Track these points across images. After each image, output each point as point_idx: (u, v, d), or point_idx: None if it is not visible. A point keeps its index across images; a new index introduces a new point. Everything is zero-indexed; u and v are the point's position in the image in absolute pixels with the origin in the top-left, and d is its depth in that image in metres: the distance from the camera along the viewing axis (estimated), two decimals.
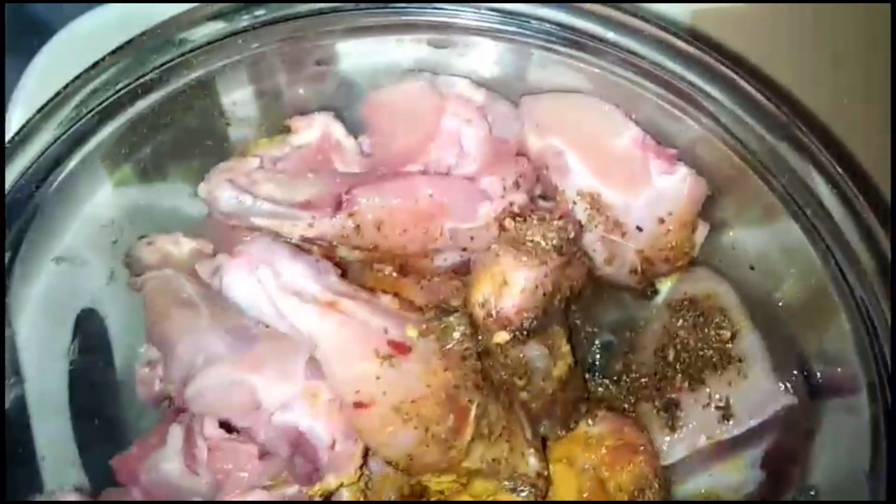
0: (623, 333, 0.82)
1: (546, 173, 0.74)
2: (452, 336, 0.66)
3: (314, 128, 0.74)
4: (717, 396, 0.73)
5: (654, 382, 0.76)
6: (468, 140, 0.71)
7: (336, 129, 0.75)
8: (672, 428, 0.74)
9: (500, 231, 0.70)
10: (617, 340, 0.82)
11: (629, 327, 0.82)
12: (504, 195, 0.70)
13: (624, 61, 0.68)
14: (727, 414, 0.73)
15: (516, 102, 0.75)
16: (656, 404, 0.75)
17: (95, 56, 0.69)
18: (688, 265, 0.76)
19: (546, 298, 0.68)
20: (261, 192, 0.68)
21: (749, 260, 0.76)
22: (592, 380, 0.81)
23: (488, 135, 0.72)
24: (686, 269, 0.77)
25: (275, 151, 0.74)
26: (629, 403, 0.78)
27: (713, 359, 0.74)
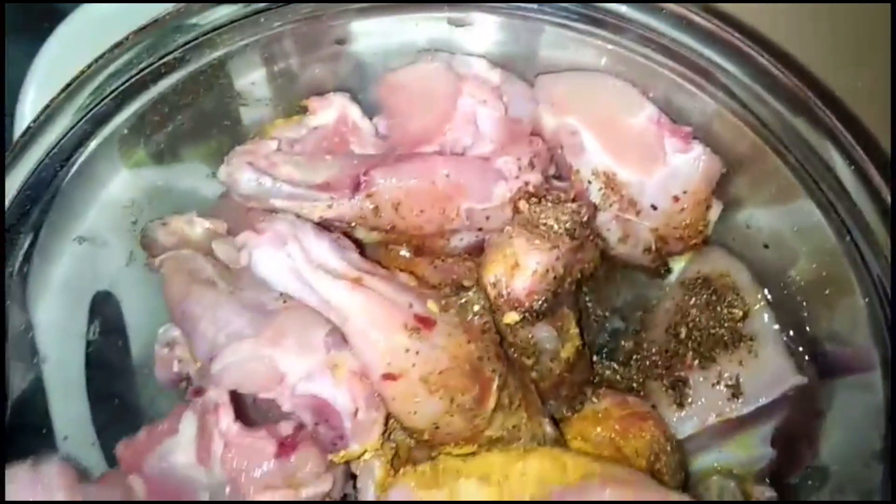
0: (635, 312, 0.82)
1: (560, 153, 0.74)
2: (472, 310, 0.67)
3: (331, 109, 0.74)
4: (728, 375, 0.73)
5: (665, 360, 0.76)
6: (484, 121, 0.71)
7: (352, 111, 0.75)
8: (680, 405, 0.74)
9: (515, 213, 0.70)
10: (629, 319, 0.83)
11: (641, 306, 0.82)
12: (519, 175, 0.70)
13: (641, 37, 0.68)
14: (737, 392, 0.73)
15: (531, 82, 0.74)
16: (665, 382, 0.75)
17: (108, 38, 0.69)
18: (702, 244, 0.76)
19: (557, 281, 0.68)
20: (280, 175, 0.68)
21: (763, 238, 0.76)
22: (601, 361, 0.81)
23: (504, 115, 0.72)
24: (700, 248, 0.77)
25: (291, 133, 0.74)
26: (638, 383, 0.78)
27: (724, 337, 0.74)
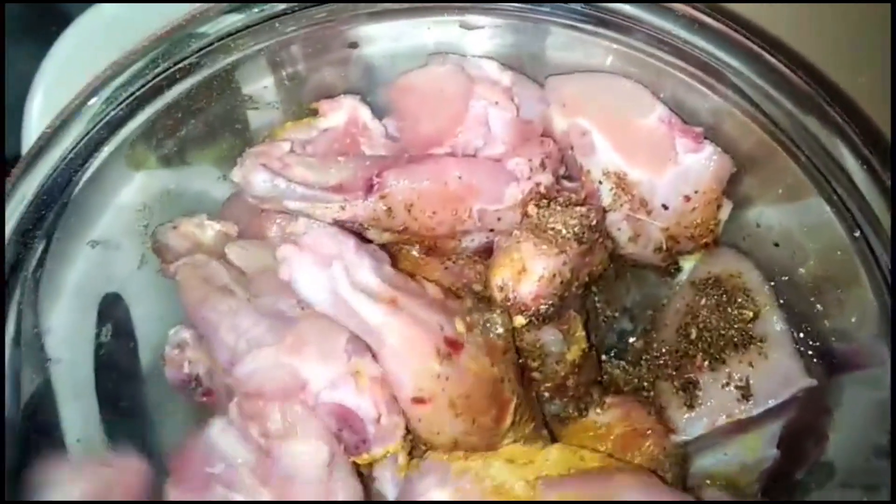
0: (645, 311, 0.82)
1: (571, 153, 0.74)
2: (496, 331, 0.67)
3: (341, 111, 0.75)
4: (737, 376, 0.73)
5: (675, 361, 0.76)
6: (495, 122, 0.71)
7: (363, 112, 0.75)
8: (690, 406, 0.74)
9: (524, 217, 0.70)
10: (638, 318, 0.83)
11: (651, 305, 0.82)
12: (531, 176, 0.70)
13: (650, 38, 0.68)
14: (746, 394, 0.73)
15: (541, 83, 0.75)
16: (675, 384, 0.75)
17: (115, 42, 0.69)
18: (713, 243, 0.76)
19: (563, 286, 0.68)
20: (294, 176, 0.67)
21: (773, 237, 0.76)
22: (610, 360, 0.81)
23: (515, 117, 0.72)
24: (711, 248, 0.77)
25: (302, 135, 0.74)
26: (648, 382, 0.78)
27: (734, 339, 0.74)
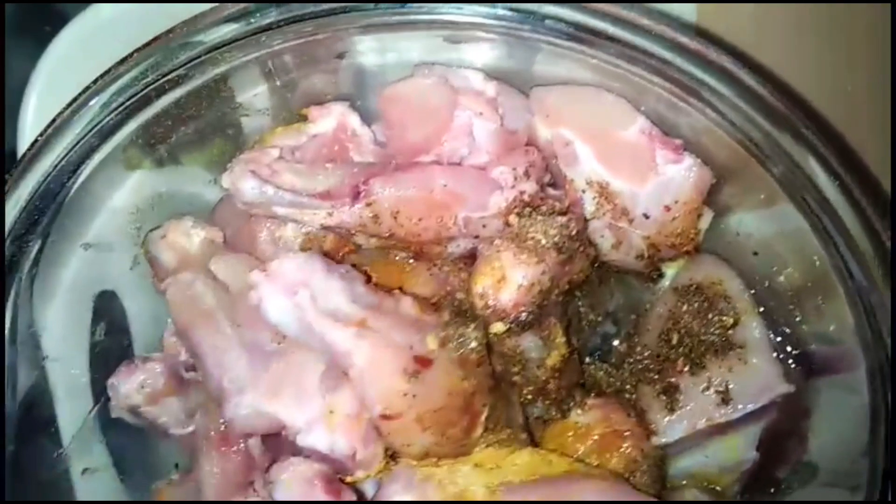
0: (627, 316, 0.83)
1: (555, 163, 0.75)
2: (470, 346, 0.68)
3: (330, 117, 0.75)
4: (717, 381, 0.74)
5: (657, 364, 0.77)
6: (480, 132, 0.72)
7: (352, 119, 0.76)
8: (671, 410, 0.75)
9: (505, 226, 0.71)
10: (621, 322, 0.84)
11: (634, 310, 0.83)
12: (515, 185, 0.71)
13: (631, 57, 0.68)
14: (726, 398, 0.74)
15: (526, 93, 0.75)
16: (656, 387, 0.76)
17: (112, 42, 0.70)
18: (694, 251, 0.77)
19: (543, 294, 0.69)
20: (282, 183, 0.68)
21: (752, 245, 0.78)
22: (594, 362, 0.82)
23: (499, 127, 0.72)
24: (692, 255, 0.78)
25: (291, 140, 0.75)
26: (630, 385, 0.79)
27: (715, 344, 0.75)
